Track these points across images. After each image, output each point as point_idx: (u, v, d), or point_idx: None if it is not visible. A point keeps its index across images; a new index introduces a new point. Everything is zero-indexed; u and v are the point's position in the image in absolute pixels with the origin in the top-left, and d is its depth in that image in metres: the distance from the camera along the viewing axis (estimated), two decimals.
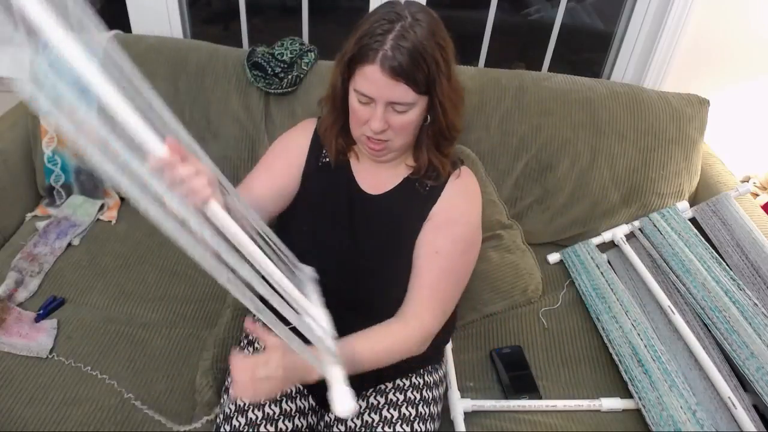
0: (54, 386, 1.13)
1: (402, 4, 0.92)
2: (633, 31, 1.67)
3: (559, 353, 1.29)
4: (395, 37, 0.86)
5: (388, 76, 0.87)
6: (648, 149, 1.47)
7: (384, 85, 0.88)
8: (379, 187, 1.06)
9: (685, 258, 1.32)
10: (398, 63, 0.86)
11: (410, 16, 0.89)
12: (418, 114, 0.93)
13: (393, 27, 0.87)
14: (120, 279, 1.39)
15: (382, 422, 1.01)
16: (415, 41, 0.86)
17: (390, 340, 0.94)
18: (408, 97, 0.89)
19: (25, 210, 1.58)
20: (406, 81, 0.87)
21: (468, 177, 1.09)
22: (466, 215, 1.04)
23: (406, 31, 0.87)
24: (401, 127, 0.94)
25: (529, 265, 1.44)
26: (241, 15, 1.72)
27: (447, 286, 1.01)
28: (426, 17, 0.90)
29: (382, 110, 0.91)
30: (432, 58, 0.88)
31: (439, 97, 0.92)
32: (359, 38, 0.89)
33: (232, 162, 1.52)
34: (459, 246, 1.02)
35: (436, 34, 0.90)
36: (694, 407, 1.09)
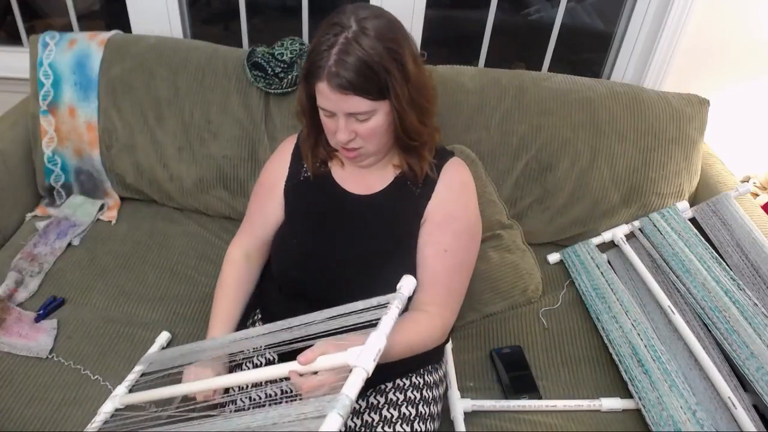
0: (54, 386, 1.13)
1: (350, 10, 0.90)
2: (633, 31, 1.67)
3: (559, 353, 1.29)
4: (338, 52, 0.86)
5: (337, 91, 0.87)
6: (648, 149, 1.47)
7: (337, 100, 0.89)
8: (368, 188, 1.07)
9: (685, 258, 1.32)
10: (342, 78, 0.86)
11: (356, 24, 0.88)
12: (383, 118, 0.93)
13: (336, 41, 0.87)
14: (120, 279, 1.39)
15: (382, 422, 1.01)
16: (359, 53, 0.86)
17: (421, 332, 0.98)
18: (363, 106, 0.89)
19: (25, 210, 1.58)
20: (356, 93, 0.88)
21: (458, 168, 1.08)
22: (462, 208, 1.05)
23: (349, 44, 0.86)
24: (368, 134, 0.94)
25: (529, 265, 1.44)
26: (241, 15, 1.72)
27: (459, 280, 1.05)
28: (374, 23, 0.89)
29: (344, 122, 0.92)
30: (380, 65, 0.87)
31: (395, 103, 0.91)
32: (309, 55, 0.90)
33: (232, 162, 1.52)
34: (463, 239, 1.04)
35: (385, 40, 0.88)
36: (694, 407, 1.09)
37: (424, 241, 1.02)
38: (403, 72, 0.90)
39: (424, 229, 1.03)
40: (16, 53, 1.87)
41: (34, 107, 1.56)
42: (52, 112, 1.55)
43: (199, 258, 1.48)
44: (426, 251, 1.02)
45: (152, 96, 1.52)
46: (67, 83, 1.54)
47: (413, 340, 0.96)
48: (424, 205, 1.03)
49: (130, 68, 1.52)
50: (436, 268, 1.01)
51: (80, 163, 1.58)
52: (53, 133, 1.56)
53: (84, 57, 1.53)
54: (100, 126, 1.55)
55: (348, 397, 0.70)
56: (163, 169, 1.55)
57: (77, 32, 1.61)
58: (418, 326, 0.97)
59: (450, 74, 1.50)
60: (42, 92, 1.54)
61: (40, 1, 2.00)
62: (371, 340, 0.77)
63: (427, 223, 1.03)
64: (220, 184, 1.55)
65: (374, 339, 0.78)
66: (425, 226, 1.03)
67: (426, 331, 0.99)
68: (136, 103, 1.53)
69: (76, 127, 1.55)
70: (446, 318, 1.03)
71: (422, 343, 1.00)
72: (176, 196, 1.58)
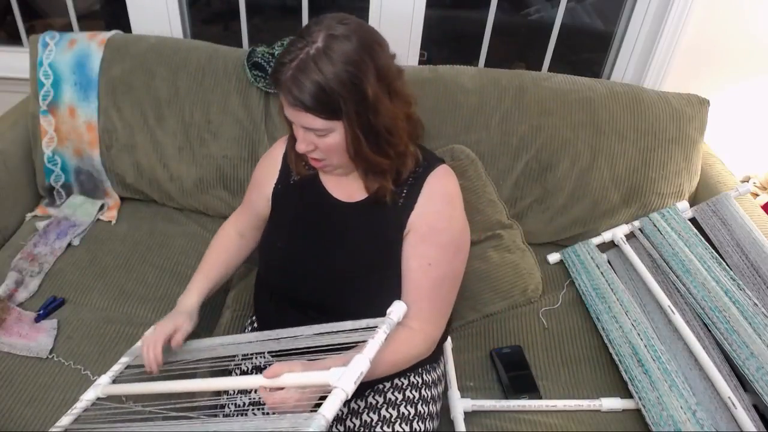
0: (54, 386, 1.13)
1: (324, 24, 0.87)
2: (633, 31, 1.67)
3: (559, 353, 1.29)
4: (295, 68, 0.85)
5: (291, 106, 0.88)
6: (648, 149, 1.47)
7: (293, 113, 0.89)
8: (352, 195, 1.04)
9: (685, 258, 1.32)
10: (294, 96, 0.85)
11: (322, 42, 0.85)
12: (341, 137, 0.90)
13: (297, 56, 0.85)
14: (120, 279, 1.39)
15: (381, 422, 1.01)
16: (315, 75, 0.84)
17: (401, 351, 0.97)
18: (317, 124, 0.88)
19: (25, 210, 1.58)
20: (306, 110, 0.87)
21: (443, 179, 1.03)
22: (447, 220, 1.01)
23: (307, 63, 0.84)
24: (327, 149, 0.93)
25: (529, 265, 1.44)
26: (241, 15, 1.72)
27: (444, 293, 1.02)
28: (341, 45, 0.85)
29: (302, 133, 0.92)
30: (335, 90, 0.84)
31: (347, 127, 0.89)
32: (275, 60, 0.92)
33: (232, 162, 1.52)
34: (449, 252, 1.01)
35: (347, 63, 0.85)
36: (694, 407, 1.09)
37: (408, 253, 1.00)
38: (361, 98, 0.87)
39: (407, 240, 1.00)
40: (16, 53, 1.87)
41: (34, 107, 1.56)
42: (52, 112, 1.55)
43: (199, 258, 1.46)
44: (410, 264, 0.99)
45: (152, 96, 1.52)
46: (67, 83, 1.54)
47: (391, 359, 0.95)
48: (407, 215, 1.00)
49: (130, 68, 1.52)
50: (420, 282, 0.99)
51: (80, 163, 1.58)
52: (53, 133, 1.56)
53: (84, 57, 1.53)
54: (100, 126, 1.55)
55: (324, 417, 0.71)
56: (163, 169, 1.55)
57: (77, 32, 1.61)
58: (398, 344, 0.95)
59: (450, 74, 1.50)
60: (42, 92, 1.54)
61: (40, 1, 2.00)
62: (355, 363, 0.78)
63: (411, 235, 1.00)
64: (220, 184, 1.55)
65: (358, 362, 0.78)
66: (409, 238, 1.00)
67: (405, 349, 0.98)
68: (136, 103, 1.53)
69: (76, 127, 1.55)
70: (429, 333, 1.01)
71: (404, 360, 0.99)
72: (176, 196, 1.58)
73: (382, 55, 0.89)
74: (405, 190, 1.00)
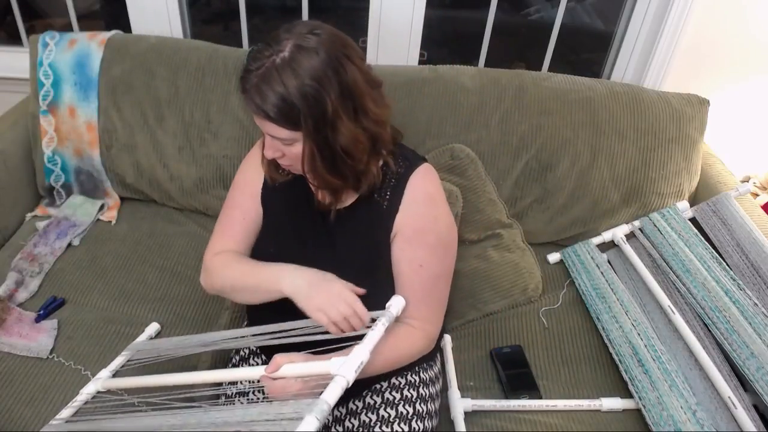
0: (54, 386, 1.13)
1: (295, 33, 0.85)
2: (633, 31, 1.67)
3: (560, 353, 1.29)
4: (259, 77, 0.83)
5: (255, 113, 0.87)
6: (648, 149, 1.47)
7: (258, 120, 0.88)
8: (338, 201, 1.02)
9: (685, 258, 1.32)
10: (256, 105, 0.84)
11: (288, 51, 0.83)
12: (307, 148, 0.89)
13: (263, 64, 0.83)
14: (120, 279, 1.39)
15: (379, 421, 1.01)
16: (277, 87, 0.82)
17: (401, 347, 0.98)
18: (282, 133, 0.87)
19: (25, 210, 1.58)
20: (270, 120, 0.86)
21: (424, 180, 1.02)
22: (432, 221, 1.01)
23: (271, 73, 0.83)
24: (293, 158, 0.92)
25: (529, 264, 1.44)
26: (241, 15, 1.72)
27: (438, 291, 1.04)
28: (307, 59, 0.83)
29: (270, 140, 0.91)
30: (295, 104, 0.83)
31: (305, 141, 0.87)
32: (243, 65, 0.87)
33: (232, 162, 1.52)
34: (438, 252, 1.01)
35: (311, 78, 0.83)
36: (694, 407, 1.09)
37: (398, 257, 1.00)
38: (321, 115, 0.85)
39: (396, 243, 1.00)
40: (16, 53, 1.87)
41: (34, 107, 1.56)
42: (52, 112, 1.55)
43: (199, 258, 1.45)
44: (402, 267, 1.00)
45: (152, 96, 1.52)
46: (67, 83, 1.54)
47: (393, 355, 0.96)
48: (393, 217, 1.00)
49: (130, 68, 1.52)
50: (413, 284, 0.99)
51: (80, 163, 1.58)
52: (53, 133, 1.56)
53: (84, 57, 1.53)
54: (100, 126, 1.55)
55: (326, 402, 0.73)
56: (163, 169, 1.55)
57: (77, 32, 1.62)
58: (398, 340, 0.96)
59: (450, 74, 1.50)
60: (42, 92, 1.54)
61: (40, 1, 2.00)
62: (355, 352, 0.80)
63: (398, 238, 1.00)
64: (220, 184, 1.55)
65: (358, 351, 0.80)
66: (397, 240, 1.00)
67: (406, 345, 0.99)
68: (136, 103, 1.53)
69: (76, 127, 1.55)
70: (429, 330, 1.02)
71: (404, 356, 1.00)
72: (176, 196, 1.58)
73: (350, 69, 0.86)
74: (388, 192, 1.00)
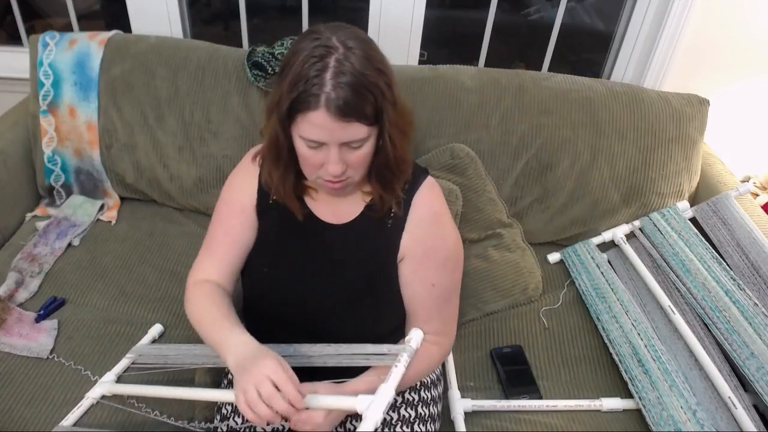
0: (54, 387, 1.13)
1: (327, 32, 0.82)
2: (633, 31, 1.67)
3: (560, 353, 1.29)
4: (334, 75, 0.78)
5: (337, 119, 0.78)
6: (648, 149, 1.47)
7: (334, 129, 0.80)
8: (339, 217, 0.99)
9: (685, 258, 1.32)
10: (343, 102, 0.78)
11: (341, 46, 0.80)
12: (373, 144, 0.86)
13: (327, 63, 0.78)
14: (120, 279, 1.39)
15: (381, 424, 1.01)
16: (354, 72, 0.78)
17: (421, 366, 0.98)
18: (361, 133, 0.82)
19: (25, 210, 1.58)
20: (357, 118, 0.80)
21: (429, 197, 0.99)
22: (441, 239, 0.99)
23: (341, 65, 0.78)
24: (359, 162, 0.86)
25: (530, 264, 1.44)
26: (241, 15, 1.72)
27: (450, 306, 1.03)
28: (358, 43, 0.81)
29: (337, 152, 0.83)
30: (375, 86, 0.80)
31: (387, 127, 0.85)
32: (292, 84, 0.79)
33: (232, 162, 1.52)
34: (448, 268, 1.00)
35: (373, 60, 0.81)
36: (694, 407, 1.09)
37: (408, 278, 0.98)
38: (391, 93, 0.84)
39: (405, 265, 0.98)
40: (16, 53, 1.87)
41: (34, 107, 1.55)
42: (52, 112, 1.55)
43: None
44: (414, 288, 0.99)
45: (152, 96, 1.52)
46: (67, 83, 1.53)
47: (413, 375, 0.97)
48: (398, 237, 0.97)
49: (130, 68, 1.52)
50: (427, 303, 0.99)
51: (80, 163, 1.58)
52: (53, 133, 1.56)
53: (84, 57, 1.53)
54: (100, 126, 1.55)
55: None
56: (163, 168, 1.55)
57: (77, 32, 1.61)
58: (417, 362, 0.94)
59: (450, 74, 1.50)
60: (42, 92, 1.54)
61: (40, 1, 2.00)
62: (381, 393, 0.80)
63: (408, 260, 0.97)
64: (220, 184, 1.52)
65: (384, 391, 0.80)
66: (406, 263, 0.98)
67: (424, 365, 1.00)
68: (136, 103, 1.53)
69: (76, 127, 1.55)
70: (444, 343, 1.03)
71: (423, 373, 1.02)
72: (176, 195, 1.58)
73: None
74: (393, 209, 0.96)
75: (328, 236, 0.99)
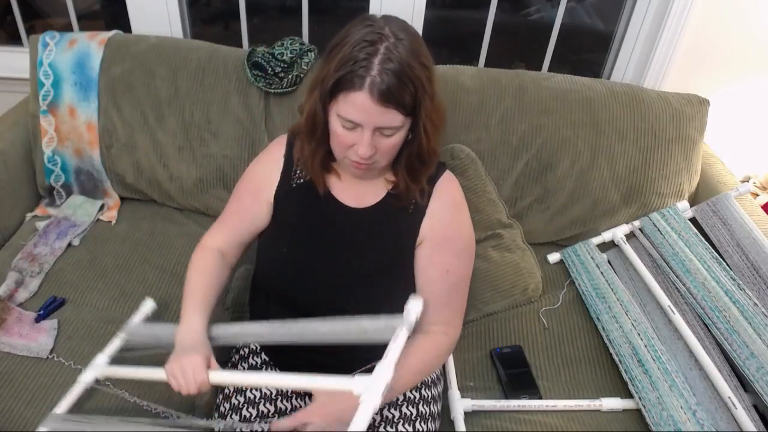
0: (54, 386, 1.13)
1: (380, 21, 0.87)
2: (633, 31, 1.67)
3: (560, 353, 1.29)
4: (382, 60, 0.82)
5: (378, 103, 0.83)
6: (648, 149, 1.47)
7: (373, 112, 0.84)
8: (360, 201, 1.03)
9: (685, 258, 1.32)
10: (387, 87, 0.82)
11: (392, 36, 0.84)
12: (404, 134, 0.91)
13: (377, 49, 0.83)
14: (120, 279, 1.39)
15: (383, 422, 1.01)
16: (401, 62, 0.83)
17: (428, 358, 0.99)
18: (396, 121, 0.86)
19: (25, 210, 1.58)
20: (396, 106, 0.84)
21: (450, 187, 1.05)
22: (459, 228, 1.03)
23: (390, 53, 0.83)
24: (388, 149, 0.91)
25: (530, 265, 1.44)
26: (241, 15, 1.72)
27: (461, 296, 1.05)
28: (407, 36, 0.86)
29: (370, 136, 0.87)
30: (417, 78, 0.84)
31: (423, 119, 0.89)
32: (341, 63, 0.84)
33: (232, 162, 1.52)
34: (462, 258, 1.04)
35: (419, 54, 0.86)
36: (694, 407, 1.09)
37: (425, 263, 1.01)
38: (431, 88, 0.89)
39: (422, 250, 1.01)
40: (16, 53, 1.87)
41: (34, 107, 1.55)
42: (52, 112, 1.55)
43: None
44: (429, 273, 1.01)
45: (152, 96, 1.52)
46: (67, 83, 1.53)
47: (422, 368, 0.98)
48: (419, 223, 1.01)
49: (130, 68, 1.52)
50: (439, 290, 1.01)
51: (80, 163, 1.58)
52: (53, 133, 1.56)
53: (84, 57, 1.53)
54: (100, 126, 1.55)
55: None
56: (163, 168, 1.55)
57: (77, 32, 1.61)
58: (425, 353, 0.98)
59: (450, 74, 1.50)
60: (42, 92, 1.54)
61: (40, 1, 2.00)
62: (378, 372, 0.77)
63: (426, 244, 1.01)
64: (220, 184, 1.55)
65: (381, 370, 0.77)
66: (424, 247, 1.01)
67: (432, 355, 1.00)
68: (136, 103, 1.53)
69: (76, 127, 1.55)
70: (451, 335, 1.04)
71: (433, 365, 1.02)
72: (176, 196, 1.58)
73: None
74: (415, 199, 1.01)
75: (348, 219, 1.02)
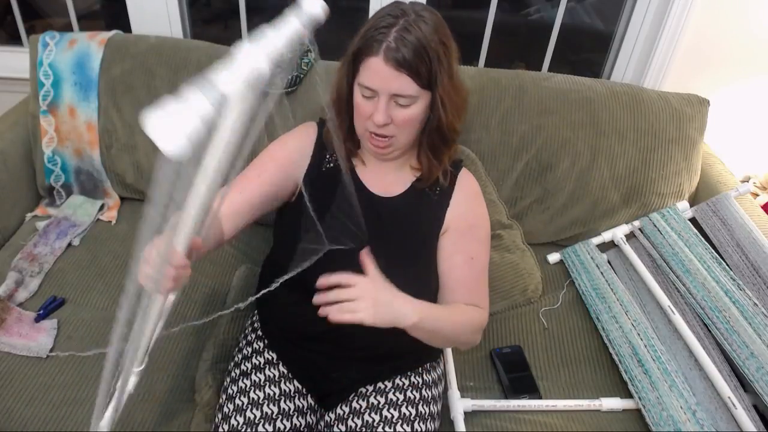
0: (54, 386, 1.13)
1: (407, 3, 0.95)
2: (633, 31, 1.67)
3: (559, 353, 1.29)
4: (399, 30, 0.89)
5: (392, 67, 0.89)
6: (648, 149, 1.47)
7: (387, 76, 0.89)
8: (387, 189, 1.08)
9: (685, 258, 1.32)
10: (401, 54, 0.88)
11: (414, 14, 0.91)
12: (421, 110, 0.95)
13: (397, 21, 0.90)
14: (120, 279, 1.39)
15: (382, 422, 1.01)
16: (418, 35, 0.89)
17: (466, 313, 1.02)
18: (410, 89, 0.91)
19: (25, 210, 1.58)
20: (409, 72, 0.89)
21: (471, 178, 1.13)
22: (480, 216, 1.09)
23: (410, 25, 0.89)
24: (404, 121, 0.95)
25: (529, 265, 1.44)
26: (241, 15, 1.72)
27: (485, 280, 1.09)
28: (430, 15, 0.93)
29: (386, 103, 0.92)
30: (434, 52, 0.90)
31: (441, 94, 0.94)
32: (364, 33, 0.92)
33: None
34: (485, 244, 1.09)
35: (439, 32, 0.92)
36: (694, 407, 1.09)
37: (450, 250, 1.05)
38: (449, 66, 0.94)
39: (447, 238, 1.05)
40: (16, 53, 1.87)
41: (34, 107, 1.55)
42: (52, 112, 1.55)
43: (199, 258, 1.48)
44: (455, 260, 1.04)
45: (152, 96, 1.52)
46: (67, 83, 1.53)
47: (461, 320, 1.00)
48: (443, 212, 1.06)
49: (130, 68, 1.52)
50: (467, 276, 1.04)
51: (80, 163, 1.58)
52: (53, 133, 1.56)
53: (84, 57, 1.53)
54: (100, 126, 1.55)
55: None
56: None
57: (77, 32, 1.61)
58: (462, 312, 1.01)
59: None
60: (42, 92, 1.54)
61: (40, 1, 2.00)
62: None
63: (451, 232, 1.06)
64: None
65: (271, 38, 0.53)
66: (449, 235, 1.05)
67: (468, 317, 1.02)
68: (136, 103, 1.53)
69: (76, 127, 1.55)
70: (484, 318, 1.06)
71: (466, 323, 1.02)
72: None
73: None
74: (438, 186, 1.07)
75: (375, 207, 1.06)
